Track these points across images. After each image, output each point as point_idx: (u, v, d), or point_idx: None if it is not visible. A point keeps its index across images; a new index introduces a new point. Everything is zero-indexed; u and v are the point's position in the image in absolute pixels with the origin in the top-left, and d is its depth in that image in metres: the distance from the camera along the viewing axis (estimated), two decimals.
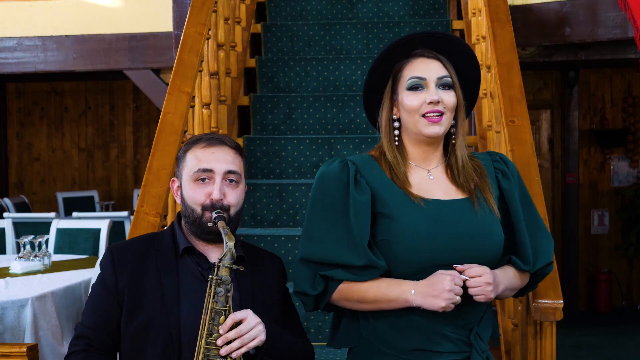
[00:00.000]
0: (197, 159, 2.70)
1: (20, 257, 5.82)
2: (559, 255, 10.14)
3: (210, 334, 2.49)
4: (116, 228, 7.67)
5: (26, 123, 12.28)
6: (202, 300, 2.55)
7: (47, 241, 6.11)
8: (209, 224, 2.62)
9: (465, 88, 2.66)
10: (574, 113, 10.73)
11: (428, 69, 2.57)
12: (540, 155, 10.81)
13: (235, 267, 2.53)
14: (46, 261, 5.84)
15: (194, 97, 4.66)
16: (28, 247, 5.89)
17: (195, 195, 2.67)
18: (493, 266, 2.58)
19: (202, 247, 2.72)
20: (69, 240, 6.91)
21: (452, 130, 2.62)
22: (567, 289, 9.76)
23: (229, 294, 2.51)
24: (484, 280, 2.45)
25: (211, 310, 2.50)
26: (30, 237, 5.97)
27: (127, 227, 7.87)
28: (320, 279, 2.58)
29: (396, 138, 2.63)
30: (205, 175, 2.67)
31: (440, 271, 2.46)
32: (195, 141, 2.75)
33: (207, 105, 4.94)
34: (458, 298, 2.44)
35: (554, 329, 3.43)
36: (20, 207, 10.22)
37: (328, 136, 5.79)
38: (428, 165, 2.63)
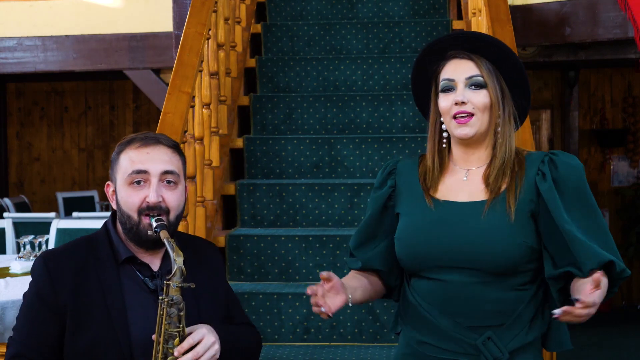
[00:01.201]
0: (130, 160, 2.51)
1: (21, 257, 5.81)
2: None
3: (165, 357, 2.38)
4: None
5: (26, 123, 12.28)
6: (150, 313, 2.44)
7: (47, 241, 6.11)
8: (149, 232, 2.46)
9: (518, 94, 2.63)
10: (574, 113, 10.73)
11: (457, 69, 2.55)
12: None
13: (186, 285, 2.38)
14: None
15: (194, 97, 4.66)
16: (28, 247, 5.89)
17: (130, 199, 2.49)
18: (512, 269, 2.49)
19: (142, 254, 2.56)
20: (69, 240, 6.91)
21: (499, 129, 2.57)
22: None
23: (182, 314, 2.39)
24: (595, 310, 2.32)
25: (164, 332, 2.38)
26: (31, 237, 5.96)
27: None
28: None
29: (444, 140, 2.62)
30: (140, 177, 2.49)
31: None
32: (128, 141, 2.57)
33: (207, 105, 4.94)
34: (322, 309, 2.38)
35: None
36: (20, 207, 10.21)
37: (328, 136, 5.79)
38: (468, 166, 2.60)
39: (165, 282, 2.39)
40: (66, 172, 12.26)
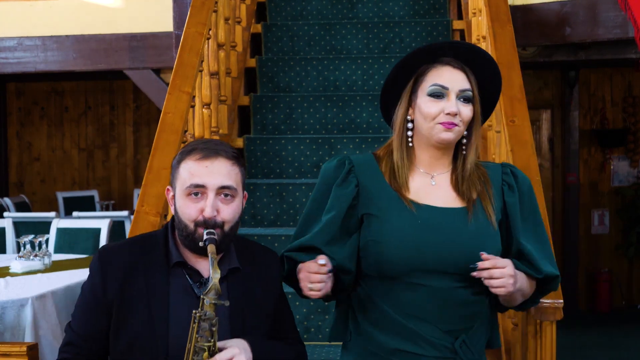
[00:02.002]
0: (189, 172, 2.55)
1: (21, 257, 5.82)
2: (559, 256, 10.13)
3: None
4: (116, 228, 7.67)
5: (26, 123, 12.28)
6: (191, 317, 2.46)
7: (47, 241, 6.11)
8: (200, 243, 2.50)
9: (483, 100, 2.65)
10: (574, 113, 10.73)
11: (452, 79, 2.55)
12: (540, 155, 10.81)
13: (220, 303, 2.43)
14: (46, 261, 5.84)
15: (194, 97, 4.66)
16: (28, 246, 5.90)
17: (187, 210, 2.54)
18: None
19: (194, 259, 2.61)
20: (69, 240, 6.92)
21: (464, 141, 2.61)
22: (568, 289, 9.75)
23: (214, 329, 2.41)
24: (508, 273, 2.43)
25: (195, 346, 2.41)
26: (31, 237, 5.97)
27: (128, 226, 7.87)
28: (287, 261, 2.68)
29: (409, 139, 2.62)
30: (198, 190, 2.53)
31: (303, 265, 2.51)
32: (189, 151, 2.60)
33: (208, 105, 4.95)
34: (314, 285, 2.43)
35: (554, 328, 3.43)
36: (20, 207, 10.22)
37: (328, 136, 5.80)
38: (433, 171, 2.62)
39: (201, 296, 2.43)
40: (66, 171, 12.26)
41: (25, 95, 12.27)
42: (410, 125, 2.61)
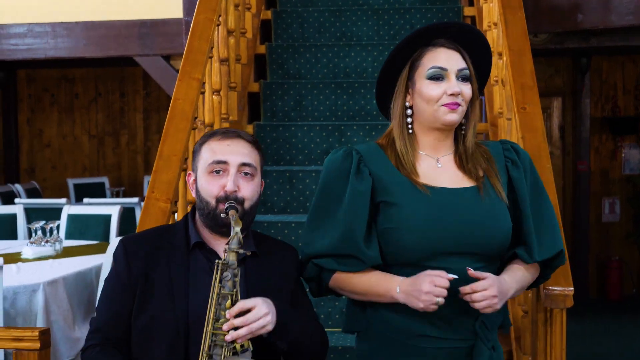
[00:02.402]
0: (212, 151, 2.67)
1: (32, 243, 5.84)
2: (569, 243, 10.12)
3: (217, 319, 2.47)
4: (127, 214, 7.69)
5: (37, 109, 12.30)
6: (209, 296, 2.52)
7: (58, 227, 6.14)
8: (222, 215, 2.59)
9: (477, 77, 2.66)
10: (585, 100, 10.70)
11: (449, 59, 2.57)
12: (551, 143, 10.78)
13: (242, 251, 2.50)
14: (57, 247, 5.86)
15: (204, 83, 4.65)
16: (39, 232, 5.92)
17: (209, 187, 2.64)
18: (500, 254, 2.59)
19: (213, 241, 2.69)
20: (79, 226, 6.94)
21: (463, 120, 2.62)
22: (578, 277, 9.75)
23: (236, 279, 2.49)
24: (490, 294, 2.43)
25: (218, 294, 2.48)
26: (42, 223, 5.99)
27: (138, 213, 7.89)
28: (313, 266, 2.67)
29: (409, 126, 2.63)
30: (220, 167, 2.64)
31: (426, 272, 2.45)
32: (210, 134, 2.73)
33: (217, 91, 4.94)
34: (440, 299, 2.41)
35: (564, 316, 3.43)
36: (31, 193, 10.25)
37: (338, 123, 5.79)
38: (437, 154, 2.63)
39: (224, 248, 2.51)
40: (77, 158, 12.28)
41: (35, 82, 12.29)
42: (409, 112, 2.61)
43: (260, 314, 2.47)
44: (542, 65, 10.61)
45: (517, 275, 2.61)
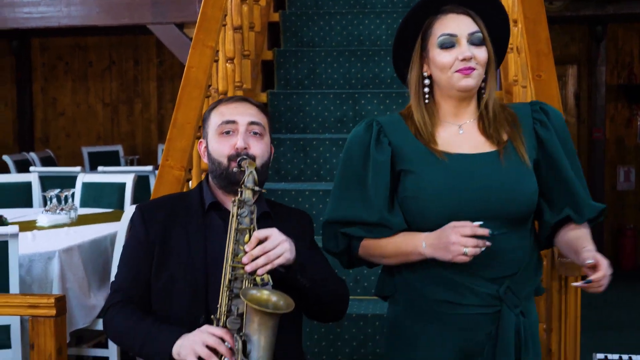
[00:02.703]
0: (220, 114, 2.74)
1: (47, 211, 5.86)
2: None
3: (236, 254, 2.49)
4: (141, 182, 7.71)
5: (50, 78, 12.30)
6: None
7: (72, 195, 6.15)
8: (234, 169, 2.63)
9: (495, 43, 2.64)
10: (601, 68, 10.63)
11: (459, 25, 2.54)
12: (566, 111, 10.73)
13: (257, 188, 2.56)
14: (72, 214, 5.89)
15: (217, 51, 4.65)
16: (54, 200, 5.94)
17: (220, 147, 2.70)
18: (526, 218, 2.57)
19: (228, 202, 2.70)
20: (94, 194, 6.96)
21: (482, 84, 2.60)
22: None
23: (253, 215, 2.53)
24: (609, 275, 2.49)
25: (235, 230, 2.51)
26: (57, 191, 6.01)
27: (152, 181, 7.91)
28: (342, 237, 2.68)
29: (426, 96, 2.62)
30: (229, 128, 2.70)
31: (451, 223, 2.44)
32: (218, 102, 2.82)
33: (231, 59, 4.93)
34: (469, 249, 2.38)
35: None
36: (46, 162, 10.28)
37: (352, 91, 5.78)
38: (459, 121, 2.62)
39: (240, 187, 2.57)
40: (91, 126, 12.30)
41: (49, 51, 12.29)
42: (427, 81, 2.61)
43: (276, 241, 2.48)
44: (557, 32, 10.54)
45: (591, 241, 2.59)
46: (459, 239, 2.40)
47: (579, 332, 3.61)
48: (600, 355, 3.42)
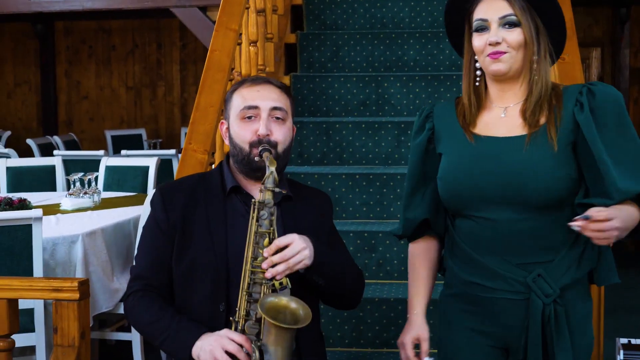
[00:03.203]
0: (242, 97, 2.72)
1: (71, 194, 5.88)
2: None
3: (255, 258, 2.51)
4: (164, 166, 7.72)
5: (74, 61, 12.34)
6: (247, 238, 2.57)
7: (96, 178, 6.17)
8: (256, 159, 2.63)
9: (553, 29, 2.60)
10: (624, 51, 10.55)
11: (490, 9, 2.53)
12: None
13: (277, 190, 2.54)
14: (96, 198, 5.91)
15: (240, 34, 4.64)
16: (78, 184, 5.95)
17: (242, 132, 2.68)
18: (551, 204, 2.50)
19: (249, 186, 2.73)
20: (117, 178, 6.98)
21: (534, 66, 2.56)
22: None
23: (272, 217, 2.53)
24: (615, 226, 2.29)
25: (255, 233, 2.52)
26: (80, 175, 6.03)
27: (175, 164, 7.92)
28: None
29: (477, 79, 2.62)
30: (252, 113, 2.68)
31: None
32: (240, 82, 2.78)
33: (254, 42, 4.93)
34: None
35: None
36: (69, 145, 10.32)
37: (375, 74, 5.76)
38: (505, 104, 2.60)
39: (260, 187, 2.57)
40: (114, 110, 12.33)
41: (73, 34, 12.32)
42: (478, 65, 2.60)
43: (297, 249, 2.51)
44: (580, 15, 10.46)
45: (629, 213, 2.44)
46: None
47: (603, 316, 3.59)
48: (624, 340, 3.41)
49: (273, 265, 2.49)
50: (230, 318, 2.54)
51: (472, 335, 2.61)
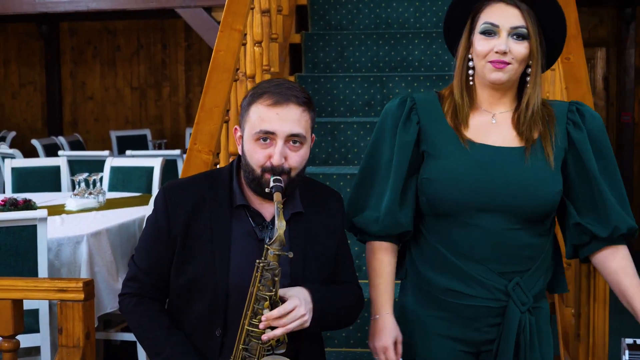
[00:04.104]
0: (259, 118, 2.52)
1: (76, 195, 5.89)
2: None
3: (254, 315, 2.44)
4: (169, 166, 7.73)
5: (79, 62, 12.35)
6: (253, 260, 2.46)
7: (101, 179, 6.18)
8: (267, 190, 2.50)
9: (550, 42, 2.60)
10: (630, 51, 10.53)
11: (503, 16, 2.51)
12: (595, 94, 10.65)
13: (284, 254, 2.42)
14: (100, 198, 5.91)
15: (245, 34, 4.64)
16: (83, 184, 5.96)
17: (255, 155, 2.53)
18: (541, 217, 2.54)
19: (257, 203, 2.62)
20: (122, 178, 6.98)
21: (528, 78, 2.56)
22: None
23: (276, 279, 2.43)
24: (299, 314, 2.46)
25: (257, 294, 2.43)
26: (85, 175, 6.03)
27: (180, 165, 7.93)
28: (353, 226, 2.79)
29: (470, 78, 2.60)
30: (267, 137, 2.51)
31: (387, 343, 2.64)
32: (261, 94, 2.56)
33: (259, 43, 4.93)
34: None
35: None
36: (74, 146, 10.32)
37: (380, 74, 5.76)
38: (494, 109, 2.59)
39: (265, 246, 2.44)
40: (119, 110, 12.34)
41: (78, 35, 12.33)
42: (471, 64, 2.58)
43: (298, 315, 2.45)
44: (586, 15, 10.45)
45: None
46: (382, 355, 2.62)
47: (608, 316, 3.58)
48: (629, 340, 3.40)
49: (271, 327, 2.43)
50: None
51: (443, 340, 2.61)
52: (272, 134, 2.51)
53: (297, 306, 2.45)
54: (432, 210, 2.57)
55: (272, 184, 2.48)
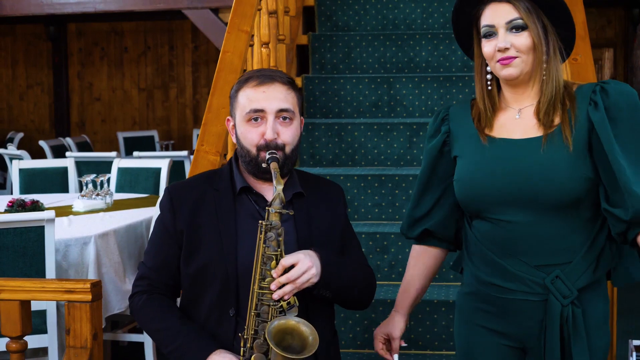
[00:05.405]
0: (248, 99, 2.66)
1: (83, 196, 5.89)
2: None
3: (263, 279, 2.49)
4: (176, 167, 7.73)
5: (87, 63, 12.37)
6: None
7: (108, 180, 6.18)
8: (263, 165, 2.60)
9: (561, 26, 2.59)
10: (637, 51, 10.53)
11: (497, 14, 2.51)
12: None
13: (284, 211, 2.51)
14: (108, 200, 5.91)
15: (252, 36, 4.64)
16: (90, 185, 5.96)
17: (249, 135, 2.64)
18: (567, 205, 2.48)
19: (259, 186, 2.71)
20: (130, 179, 6.99)
21: (544, 66, 2.55)
22: None
23: (280, 238, 2.50)
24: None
25: (262, 255, 2.50)
26: (92, 176, 6.03)
27: (187, 166, 7.93)
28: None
29: (489, 82, 2.61)
30: (258, 115, 2.63)
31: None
32: (246, 80, 2.71)
33: (266, 44, 4.93)
34: None
35: None
36: (82, 147, 10.34)
37: (387, 75, 5.76)
38: (519, 105, 2.59)
39: (266, 207, 2.53)
40: (126, 111, 12.36)
41: (85, 36, 12.35)
42: (488, 68, 2.59)
43: (303, 268, 2.50)
44: (593, 15, 10.45)
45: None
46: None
47: (616, 317, 3.58)
48: (637, 342, 3.40)
49: (281, 286, 2.48)
50: (240, 334, 2.53)
51: (489, 334, 2.60)
52: (262, 111, 2.64)
53: (300, 259, 2.51)
54: (464, 209, 2.62)
55: (267, 156, 2.59)
